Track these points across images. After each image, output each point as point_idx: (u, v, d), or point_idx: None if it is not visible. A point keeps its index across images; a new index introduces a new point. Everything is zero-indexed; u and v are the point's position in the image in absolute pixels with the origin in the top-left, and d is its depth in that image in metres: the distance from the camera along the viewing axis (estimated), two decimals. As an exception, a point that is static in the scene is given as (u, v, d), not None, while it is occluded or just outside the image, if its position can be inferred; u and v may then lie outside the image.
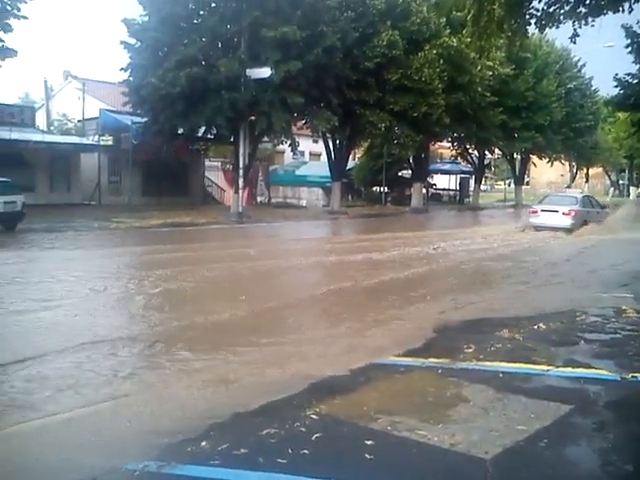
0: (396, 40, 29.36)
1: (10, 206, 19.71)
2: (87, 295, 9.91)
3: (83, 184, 32.10)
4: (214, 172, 39.77)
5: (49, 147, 29.13)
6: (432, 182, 51.87)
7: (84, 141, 32.40)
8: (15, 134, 27.26)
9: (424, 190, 43.43)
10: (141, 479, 3.81)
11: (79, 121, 37.49)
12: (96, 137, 31.94)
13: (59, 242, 18.06)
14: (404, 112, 31.14)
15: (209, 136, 31.20)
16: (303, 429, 4.53)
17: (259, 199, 39.97)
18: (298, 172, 43.41)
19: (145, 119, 28.62)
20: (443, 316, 8.56)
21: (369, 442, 4.29)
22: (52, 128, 38.97)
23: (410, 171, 42.04)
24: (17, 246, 16.57)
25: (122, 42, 27.51)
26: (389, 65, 30.21)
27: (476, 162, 47.75)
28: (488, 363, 6.24)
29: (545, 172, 68.54)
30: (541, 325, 7.86)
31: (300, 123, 32.41)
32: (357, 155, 47.83)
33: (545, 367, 6.09)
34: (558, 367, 6.10)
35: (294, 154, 36.63)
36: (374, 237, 20.83)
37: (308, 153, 52.06)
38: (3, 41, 21.16)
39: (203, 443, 4.27)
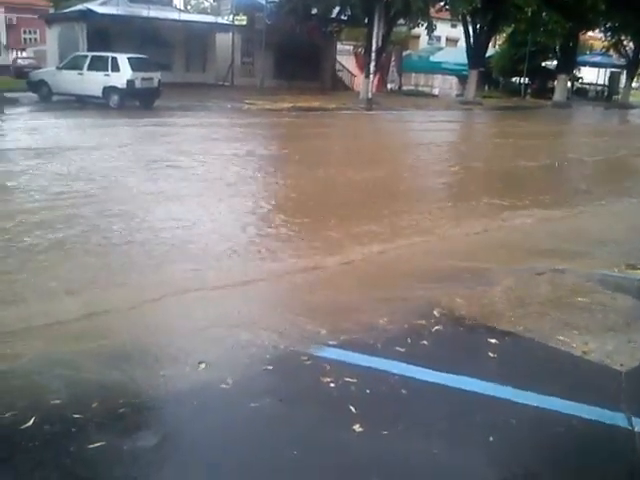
0: None
1: (147, 82, 20.24)
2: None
3: (217, 64, 32.32)
4: (345, 56, 38.71)
5: (185, 26, 29.35)
6: (578, 75, 47.81)
7: (219, 20, 32.33)
8: (153, 12, 27.59)
9: (569, 83, 40.24)
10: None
11: (215, 0, 37.36)
12: (230, 16, 31.75)
13: (193, 119, 18.45)
14: (554, -6, 28.40)
15: (342, 17, 30.14)
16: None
17: (389, 86, 38.72)
18: (433, 58, 41.32)
19: (279, -2, 28.03)
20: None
21: (493, 340, 4.05)
22: (189, 7, 39.16)
23: (555, 62, 38.89)
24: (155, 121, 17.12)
25: None
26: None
27: (630, 55, 43.26)
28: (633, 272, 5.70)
29: None
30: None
31: (439, 5, 30.51)
32: (497, 42, 44.72)
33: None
34: None
35: (430, 39, 34.71)
36: (509, 131, 19.68)
37: (444, 38, 49.30)
38: None
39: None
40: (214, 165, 10.76)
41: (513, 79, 42.43)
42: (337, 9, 28.70)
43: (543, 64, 41.07)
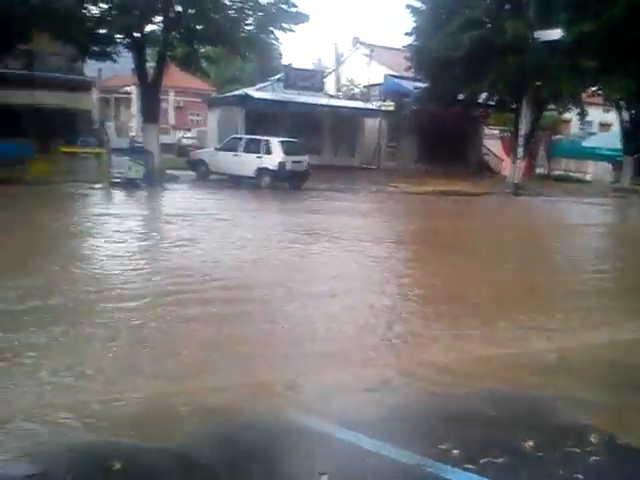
0: None
1: (297, 165, 21.19)
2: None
3: (364, 148, 33.28)
4: (492, 140, 38.50)
5: (335, 111, 30.63)
6: None
7: (367, 106, 33.49)
8: (304, 97, 29.12)
9: None
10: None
11: (364, 86, 38.80)
12: (378, 102, 32.81)
13: (341, 202, 18.95)
14: None
15: (490, 102, 30.18)
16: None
17: (538, 171, 37.82)
18: (585, 143, 40.03)
19: (426, 84, 28.65)
20: None
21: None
22: (339, 93, 40.91)
23: None
24: (302, 204, 17.78)
25: (408, 6, 27.88)
26: None
27: None
28: None
29: None
30: None
31: (590, 90, 29.75)
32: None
33: None
34: None
35: (581, 124, 33.79)
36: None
37: (597, 123, 47.70)
38: (296, 6, 22.54)
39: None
40: (359, 248, 10.82)
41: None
42: (484, 94, 28.79)
43: None
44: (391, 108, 31.72)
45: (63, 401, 4.14)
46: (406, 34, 28.22)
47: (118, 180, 19.21)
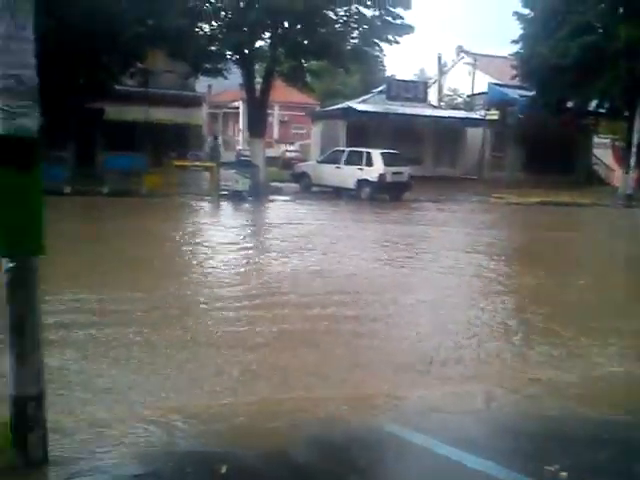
0: None
1: (397, 176, 21.24)
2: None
3: (466, 158, 32.80)
4: (602, 150, 36.85)
5: (437, 121, 30.43)
6: None
7: (471, 115, 33.03)
8: (407, 108, 29.12)
9: None
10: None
11: (468, 96, 38.29)
12: (482, 112, 32.28)
13: (444, 214, 18.82)
14: None
15: (600, 110, 28.97)
16: None
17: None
18: None
19: (532, 92, 27.96)
20: None
21: None
22: (442, 103, 40.55)
23: None
24: (403, 215, 17.83)
25: (515, 13, 27.38)
26: None
27: None
28: None
29: None
30: None
31: None
32: None
33: None
34: None
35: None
36: None
37: None
38: (402, 18, 22.60)
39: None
40: (464, 262, 10.71)
41: None
42: (594, 102, 27.69)
43: None
44: (495, 117, 31.15)
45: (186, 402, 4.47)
46: (512, 42, 27.74)
47: (225, 192, 19.98)
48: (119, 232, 12.39)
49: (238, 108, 45.28)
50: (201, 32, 22.03)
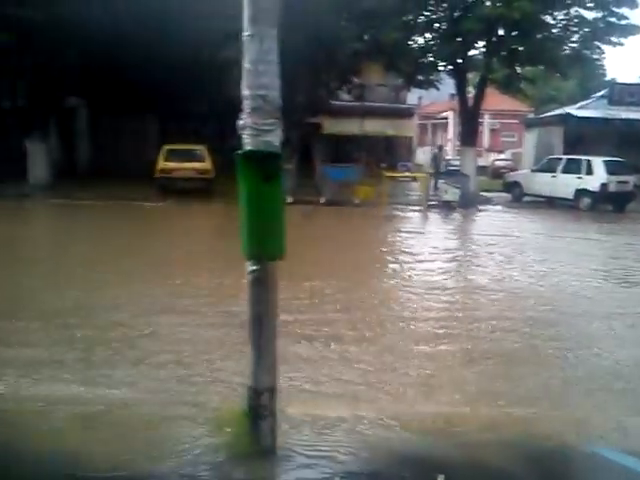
0: None
1: (621, 186, 19.88)
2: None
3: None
4: None
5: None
6: None
7: None
8: (631, 113, 27.01)
9: None
10: None
11: None
12: None
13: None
14: None
15: None
16: None
17: None
18: None
19: None
20: None
21: None
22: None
23: None
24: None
25: None
26: None
27: None
28: None
29: None
30: None
31: None
32: None
33: None
34: None
35: None
36: None
37: None
38: (627, 18, 21.12)
39: None
40: None
41: None
42: None
43: None
44: None
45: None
46: None
47: (434, 203, 20.04)
48: (344, 238, 13.34)
49: (447, 119, 45.24)
50: (415, 44, 22.40)
